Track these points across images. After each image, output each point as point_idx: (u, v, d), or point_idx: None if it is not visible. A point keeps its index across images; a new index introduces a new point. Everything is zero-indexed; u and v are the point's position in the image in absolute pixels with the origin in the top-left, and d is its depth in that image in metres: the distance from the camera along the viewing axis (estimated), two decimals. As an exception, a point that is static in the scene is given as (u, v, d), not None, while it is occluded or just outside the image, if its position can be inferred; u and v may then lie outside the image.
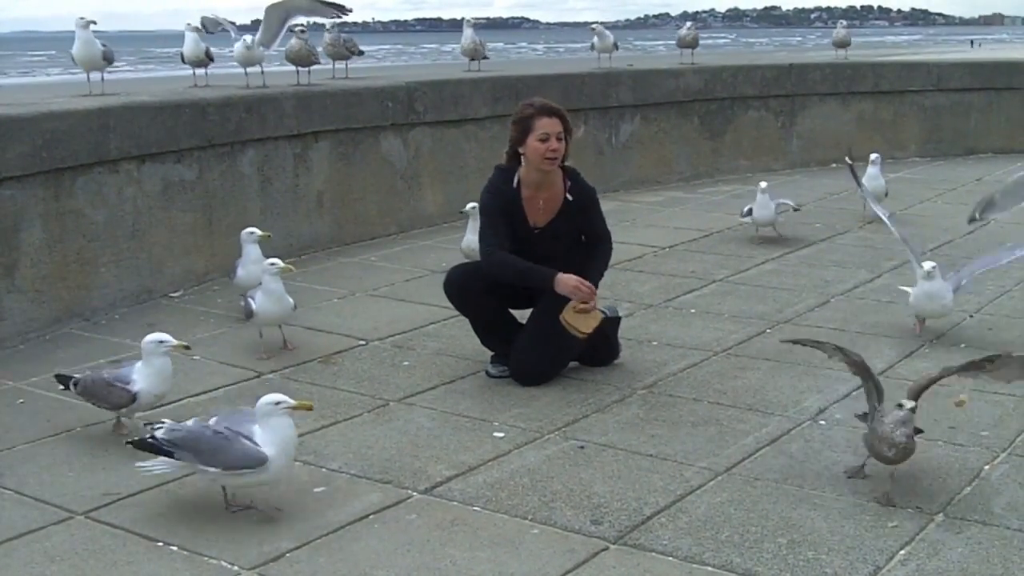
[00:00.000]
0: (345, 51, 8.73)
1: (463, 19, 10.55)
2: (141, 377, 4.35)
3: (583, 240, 5.23)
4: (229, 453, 3.63)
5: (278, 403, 3.69)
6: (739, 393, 4.92)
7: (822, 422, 4.58)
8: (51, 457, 4.27)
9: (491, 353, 5.27)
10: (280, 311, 5.45)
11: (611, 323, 5.36)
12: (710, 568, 3.40)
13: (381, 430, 4.52)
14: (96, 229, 6.23)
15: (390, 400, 4.87)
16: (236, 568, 3.42)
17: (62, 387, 4.53)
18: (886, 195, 8.69)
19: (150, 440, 3.75)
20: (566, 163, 5.15)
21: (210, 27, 8.20)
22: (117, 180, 6.37)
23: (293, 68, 8.28)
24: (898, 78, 12.23)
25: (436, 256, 7.58)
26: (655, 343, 5.69)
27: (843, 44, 12.69)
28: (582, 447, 4.33)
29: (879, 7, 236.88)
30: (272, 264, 5.45)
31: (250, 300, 5.44)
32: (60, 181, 6.01)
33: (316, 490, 3.97)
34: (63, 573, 3.40)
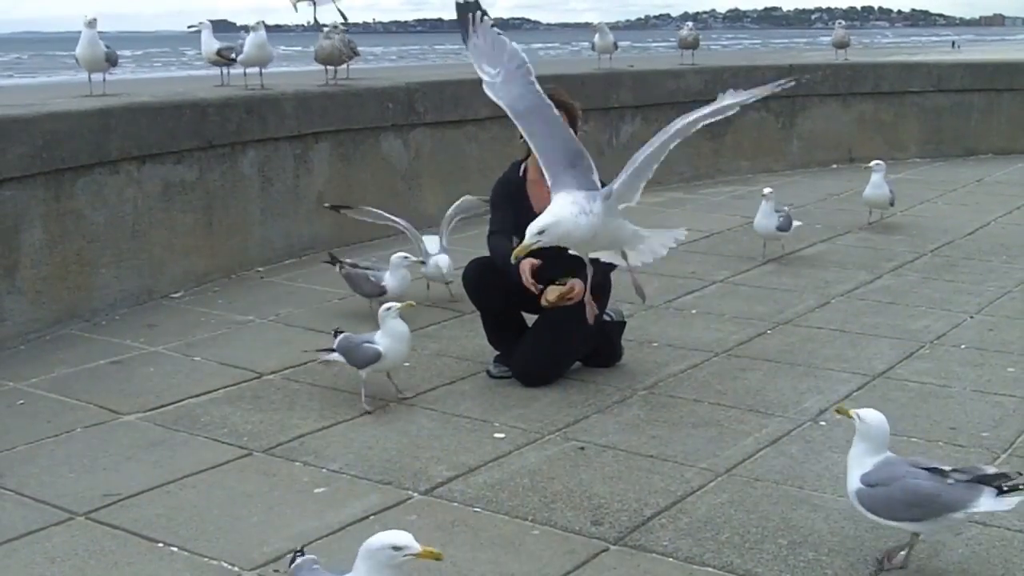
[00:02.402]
0: (351, 52, 8.72)
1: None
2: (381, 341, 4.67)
3: None
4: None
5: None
6: (739, 394, 4.92)
7: (822, 423, 4.58)
8: (51, 458, 4.27)
9: (493, 354, 5.27)
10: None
11: (615, 327, 5.37)
12: (710, 569, 3.40)
13: (381, 431, 4.51)
14: (96, 230, 6.23)
15: (390, 401, 4.87)
16: (236, 569, 3.42)
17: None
18: (891, 204, 8.52)
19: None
20: None
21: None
22: (117, 181, 6.37)
23: (289, 69, 8.29)
24: (898, 79, 12.23)
25: (436, 257, 7.57)
26: (656, 344, 5.69)
27: (842, 45, 12.72)
28: (582, 448, 4.33)
29: (879, 8, 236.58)
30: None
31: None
32: (60, 182, 6.01)
33: (316, 491, 3.97)
34: (64, 574, 3.40)
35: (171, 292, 6.69)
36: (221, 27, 8.82)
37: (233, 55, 8.07)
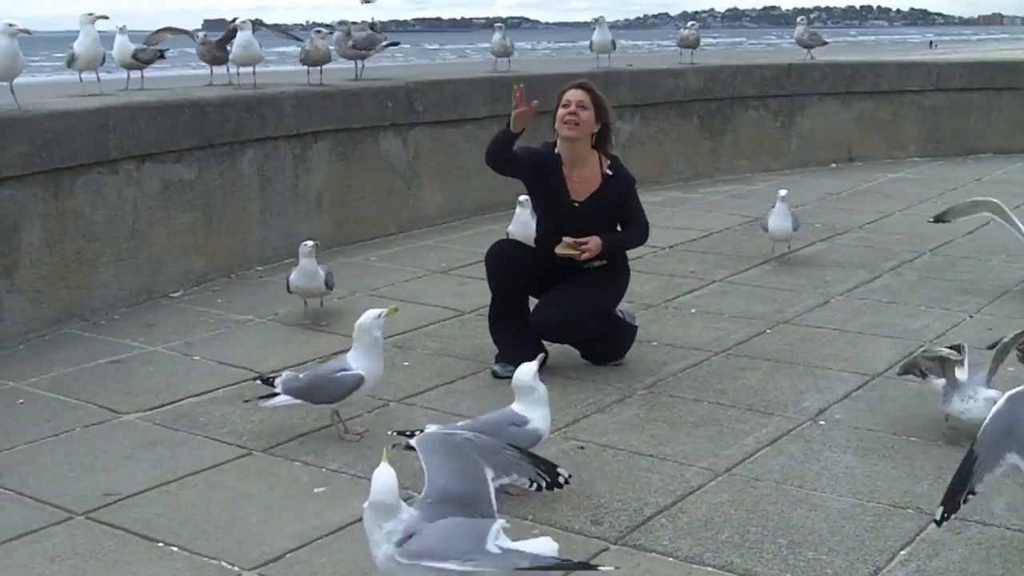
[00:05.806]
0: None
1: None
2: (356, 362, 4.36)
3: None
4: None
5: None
6: (739, 393, 4.92)
7: (822, 422, 4.58)
8: (51, 457, 4.27)
9: (492, 353, 5.27)
10: (312, 286, 5.97)
11: (625, 326, 5.40)
12: (710, 568, 3.40)
13: (382, 430, 4.51)
14: (96, 229, 6.23)
15: (390, 400, 4.87)
16: (236, 568, 3.42)
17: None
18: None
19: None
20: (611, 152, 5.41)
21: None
22: (117, 180, 6.37)
23: (288, 68, 8.28)
24: (897, 78, 12.22)
25: (436, 256, 7.58)
26: (655, 343, 5.68)
27: (807, 45, 11.90)
28: (582, 447, 4.33)
29: (878, 7, 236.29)
30: (305, 244, 5.97)
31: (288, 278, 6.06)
32: (60, 181, 6.01)
33: (316, 490, 3.97)
34: (63, 573, 3.40)
35: (170, 291, 6.69)
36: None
37: (148, 56, 7.93)
